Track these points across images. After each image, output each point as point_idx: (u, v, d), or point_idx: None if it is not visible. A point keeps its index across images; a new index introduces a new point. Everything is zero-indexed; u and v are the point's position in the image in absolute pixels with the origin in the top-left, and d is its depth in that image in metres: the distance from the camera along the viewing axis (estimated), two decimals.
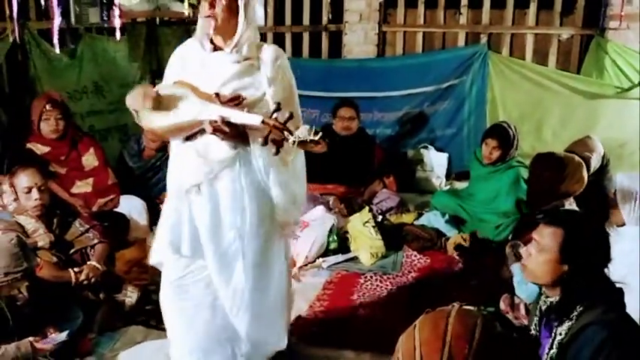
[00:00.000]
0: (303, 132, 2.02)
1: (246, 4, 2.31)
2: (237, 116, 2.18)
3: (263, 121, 2.09)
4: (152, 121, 2.30)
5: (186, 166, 2.37)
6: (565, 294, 1.97)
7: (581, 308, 1.89)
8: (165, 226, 2.47)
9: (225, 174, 2.35)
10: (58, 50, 3.06)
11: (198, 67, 2.36)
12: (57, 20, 2.93)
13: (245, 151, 2.32)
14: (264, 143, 2.10)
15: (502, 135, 4.23)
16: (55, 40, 2.94)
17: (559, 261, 1.95)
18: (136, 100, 2.28)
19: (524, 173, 4.08)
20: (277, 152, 2.12)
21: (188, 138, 2.34)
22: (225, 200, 2.38)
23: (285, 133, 2.05)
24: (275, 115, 2.09)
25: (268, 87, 2.34)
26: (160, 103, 2.26)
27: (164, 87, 2.35)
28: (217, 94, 2.24)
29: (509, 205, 4.16)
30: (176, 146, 2.43)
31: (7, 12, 3.22)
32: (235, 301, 2.47)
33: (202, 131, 2.28)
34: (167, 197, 2.53)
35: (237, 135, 2.26)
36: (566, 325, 1.91)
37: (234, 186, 2.36)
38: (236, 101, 2.26)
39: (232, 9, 2.30)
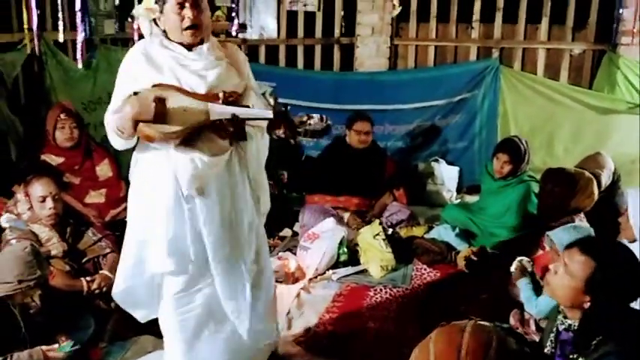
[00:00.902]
0: (316, 120, 2.13)
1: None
2: (251, 113, 2.25)
3: (275, 115, 2.19)
4: (154, 128, 2.19)
5: (182, 170, 2.28)
6: (584, 324, 1.93)
7: (599, 338, 1.86)
8: (160, 239, 2.35)
9: (224, 172, 2.37)
10: (80, 65, 3.08)
11: (177, 67, 2.30)
12: (81, 36, 2.97)
13: (238, 145, 2.38)
14: (291, 135, 2.21)
15: (513, 149, 4.23)
16: (79, 55, 2.97)
17: (583, 291, 1.92)
18: (144, 110, 2.16)
19: (536, 188, 4.07)
20: (295, 138, 2.22)
21: (182, 142, 2.26)
22: (228, 198, 2.39)
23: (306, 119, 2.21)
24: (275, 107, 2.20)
25: (248, 82, 2.45)
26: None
27: (150, 91, 2.21)
28: (224, 92, 2.25)
29: (520, 220, 4.15)
30: (164, 152, 2.30)
31: (26, 23, 3.26)
32: (239, 302, 2.48)
33: (198, 132, 2.25)
34: (146, 211, 2.40)
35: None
36: (583, 355, 1.88)
37: (233, 181, 2.40)
38: (232, 98, 2.27)
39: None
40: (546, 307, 2.84)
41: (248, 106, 2.30)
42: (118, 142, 2.36)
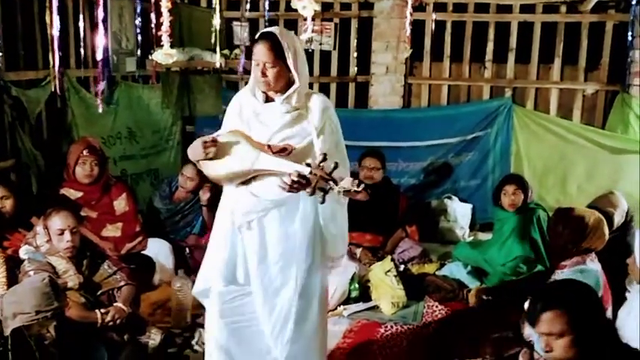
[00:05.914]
0: (347, 183, 2.18)
1: (295, 59, 2.50)
2: (288, 166, 2.33)
3: (310, 172, 2.23)
4: (210, 168, 2.55)
5: (239, 205, 2.57)
6: None
7: None
8: (218, 258, 2.67)
9: (274, 212, 2.56)
10: (100, 110, 3.23)
11: (251, 116, 2.57)
12: (102, 85, 3.10)
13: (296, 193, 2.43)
14: (312, 193, 2.23)
15: (518, 179, 4.38)
16: (99, 101, 3.11)
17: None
18: (195, 150, 2.50)
19: (543, 215, 4.13)
20: (323, 201, 2.25)
21: (242, 182, 2.54)
22: (273, 235, 2.58)
23: (331, 183, 2.20)
24: (322, 165, 2.22)
25: (316, 137, 2.50)
26: (218, 152, 2.48)
27: (222, 136, 2.54)
28: (269, 146, 2.45)
29: (526, 247, 4.19)
30: (229, 189, 2.64)
31: (51, 61, 3.36)
32: (276, 327, 2.62)
33: (256, 176, 2.49)
34: (216, 233, 2.73)
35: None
36: None
37: (282, 223, 2.56)
38: (285, 152, 2.46)
39: (282, 66, 2.50)
40: None
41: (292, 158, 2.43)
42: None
